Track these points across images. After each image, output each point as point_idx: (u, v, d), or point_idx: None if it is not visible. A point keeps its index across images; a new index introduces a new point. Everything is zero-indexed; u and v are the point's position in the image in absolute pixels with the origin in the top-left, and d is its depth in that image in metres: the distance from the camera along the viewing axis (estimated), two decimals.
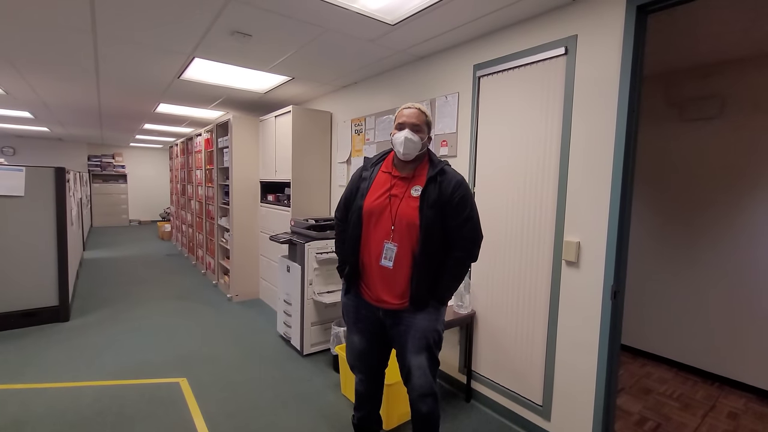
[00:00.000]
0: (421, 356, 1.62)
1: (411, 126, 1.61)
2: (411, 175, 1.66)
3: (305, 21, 2.26)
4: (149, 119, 6.00)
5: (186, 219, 6.78)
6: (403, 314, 1.64)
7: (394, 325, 1.66)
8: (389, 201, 1.63)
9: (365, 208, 1.65)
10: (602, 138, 1.84)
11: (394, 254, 1.59)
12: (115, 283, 5.04)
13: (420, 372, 1.62)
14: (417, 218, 1.57)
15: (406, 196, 1.62)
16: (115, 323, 3.67)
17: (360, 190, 1.71)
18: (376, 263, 1.63)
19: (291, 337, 3.21)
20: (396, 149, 1.64)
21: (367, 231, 1.65)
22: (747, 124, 2.73)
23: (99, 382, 2.63)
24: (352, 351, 1.81)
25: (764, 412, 2.49)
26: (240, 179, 4.36)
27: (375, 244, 1.64)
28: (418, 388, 1.64)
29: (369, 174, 1.73)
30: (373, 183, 1.70)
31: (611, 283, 1.82)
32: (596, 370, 1.88)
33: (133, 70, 3.33)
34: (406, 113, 1.64)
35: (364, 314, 1.72)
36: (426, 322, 1.62)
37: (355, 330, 1.76)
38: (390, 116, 3.11)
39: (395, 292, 1.63)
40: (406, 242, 1.59)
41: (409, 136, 1.59)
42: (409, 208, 1.59)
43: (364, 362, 1.79)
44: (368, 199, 1.66)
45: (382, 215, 1.63)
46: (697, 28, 2.30)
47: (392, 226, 1.60)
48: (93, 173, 10.32)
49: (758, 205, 2.70)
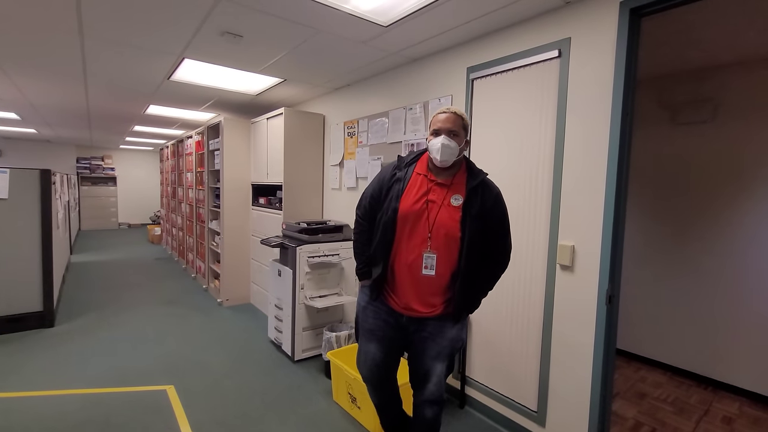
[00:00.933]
0: (442, 364, 1.60)
1: (447, 132, 1.53)
2: (449, 181, 1.58)
3: (297, 22, 2.22)
4: (139, 121, 5.92)
5: (176, 222, 6.69)
6: (429, 321, 1.59)
7: (418, 330, 1.61)
8: (427, 206, 1.55)
9: (401, 211, 1.56)
10: (596, 141, 1.83)
11: (435, 263, 1.53)
12: (103, 288, 4.94)
13: (437, 379, 1.60)
14: (458, 230, 1.52)
15: (446, 205, 1.55)
16: (101, 329, 3.59)
17: (393, 191, 1.60)
18: (407, 271, 1.56)
19: (282, 342, 3.16)
20: (433, 156, 1.55)
21: (401, 236, 1.57)
22: (740, 128, 2.75)
23: (84, 390, 2.55)
24: (366, 361, 1.71)
25: (758, 417, 2.49)
26: (231, 182, 4.30)
27: (408, 251, 1.56)
28: (431, 395, 1.61)
29: (403, 174, 1.62)
30: (408, 184, 1.60)
31: (606, 287, 1.80)
32: (591, 375, 1.86)
33: (122, 71, 3.27)
34: (442, 118, 1.55)
35: (385, 320, 1.65)
36: (455, 331, 1.60)
37: (374, 338, 1.68)
38: (384, 119, 3.08)
39: (427, 301, 1.58)
40: (443, 251, 1.53)
41: (446, 142, 1.51)
42: (449, 218, 1.53)
43: (379, 373, 1.71)
44: (404, 202, 1.56)
45: (418, 221, 1.55)
46: (690, 32, 2.30)
47: (429, 234, 1.53)
48: (82, 176, 10.16)
49: (750, 210, 2.71)
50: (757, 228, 2.68)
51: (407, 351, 1.70)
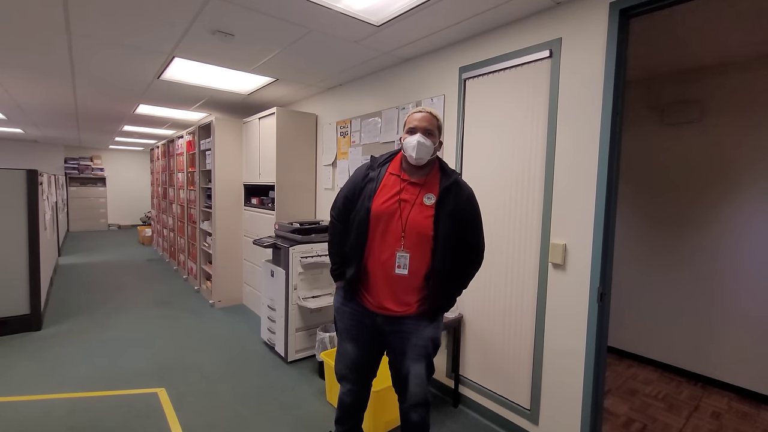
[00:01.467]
0: (421, 365, 1.59)
1: (423, 130, 1.55)
2: (422, 180, 1.59)
3: (289, 21, 2.21)
4: (129, 121, 5.84)
5: (167, 223, 6.62)
6: (404, 320, 1.59)
7: (394, 331, 1.60)
8: (399, 206, 1.55)
9: (374, 210, 1.56)
10: (587, 141, 1.85)
11: (407, 262, 1.53)
12: (93, 290, 4.86)
13: (418, 381, 1.58)
14: (430, 228, 1.52)
15: (418, 203, 1.55)
16: (90, 332, 3.53)
17: (366, 191, 1.60)
18: (381, 270, 1.56)
19: (275, 343, 3.14)
20: (408, 154, 1.56)
21: (373, 235, 1.57)
22: (726, 129, 2.79)
23: (72, 394, 2.51)
24: (343, 360, 1.71)
25: (746, 411, 2.53)
26: (223, 182, 4.26)
27: (381, 251, 1.56)
28: (414, 397, 1.60)
29: (376, 174, 1.63)
30: (381, 184, 1.60)
31: (597, 285, 1.82)
32: (584, 373, 1.88)
33: (111, 70, 3.22)
34: (418, 117, 1.57)
35: (360, 320, 1.65)
36: (430, 330, 1.59)
37: (349, 337, 1.68)
38: (376, 119, 3.08)
39: (401, 300, 1.57)
40: (416, 251, 1.54)
41: (422, 140, 1.53)
42: (421, 217, 1.54)
43: (355, 372, 1.70)
44: (376, 201, 1.57)
45: (390, 220, 1.55)
46: (677, 33, 2.34)
47: (402, 233, 1.53)
48: (70, 176, 10.00)
49: (738, 208, 2.76)
50: (744, 226, 2.73)
51: (387, 354, 1.69)
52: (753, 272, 2.70)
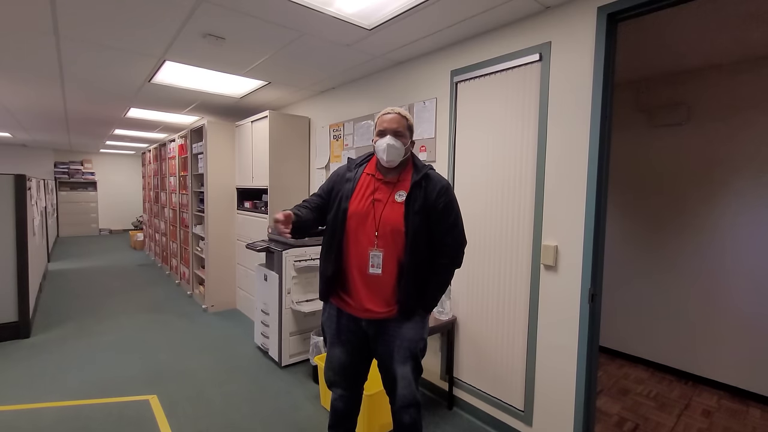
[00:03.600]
0: (407, 366, 1.58)
1: (393, 132, 1.55)
2: (395, 179, 1.61)
3: (280, 24, 2.21)
4: (120, 124, 5.79)
5: (159, 227, 6.56)
6: (388, 323, 1.58)
7: (379, 334, 1.60)
8: (373, 206, 1.57)
9: (350, 211, 1.57)
10: (577, 143, 1.87)
11: (381, 261, 1.54)
12: (83, 296, 4.80)
13: (405, 382, 1.58)
14: (402, 224, 1.53)
15: (390, 201, 1.57)
16: (80, 339, 3.48)
17: (343, 192, 1.63)
18: (358, 271, 1.57)
19: (269, 348, 3.12)
20: (379, 157, 1.58)
21: (350, 236, 1.58)
22: (713, 130, 2.84)
23: (61, 402, 2.47)
24: (332, 365, 1.70)
25: (736, 409, 2.56)
26: (215, 186, 4.24)
27: (358, 251, 1.57)
28: (403, 399, 1.59)
29: (353, 175, 1.66)
30: (357, 185, 1.63)
31: (588, 286, 1.83)
32: (576, 373, 1.89)
33: (101, 73, 3.19)
34: (387, 119, 1.59)
35: (345, 324, 1.65)
36: (413, 331, 1.58)
37: (338, 342, 1.67)
38: (369, 122, 3.08)
39: (381, 300, 1.57)
40: (390, 249, 1.54)
41: (392, 142, 1.54)
42: (393, 214, 1.54)
43: (345, 376, 1.69)
44: (353, 202, 1.59)
45: (365, 220, 1.56)
46: (664, 36, 2.37)
47: (376, 232, 1.54)
48: (60, 181, 9.88)
49: (725, 209, 2.80)
50: (732, 226, 2.77)
51: (375, 357, 1.69)
52: (740, 271, 2.74)
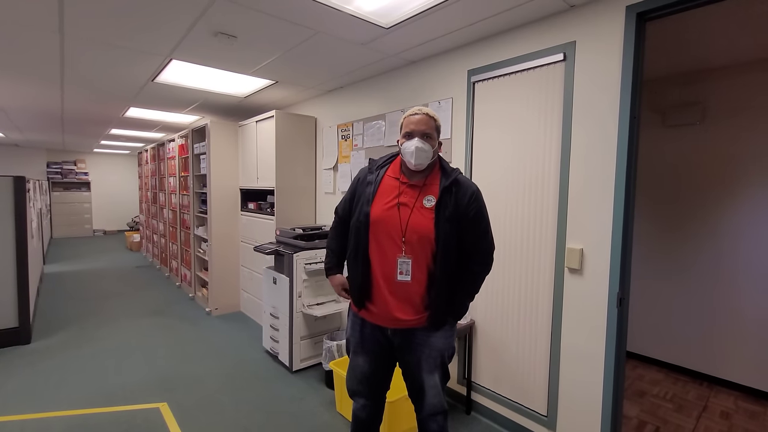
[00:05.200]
0: (436, 375, 1.53)
1: (421, 134, 1.49)
2: (422, 183, 1.54)
3: (296, 22, 2.15)
4: (117, 124, 5.68)
5: (158, 228, 6.45)
6: (416, 332, 1.53)
7: (406, 343, 1.55)
8: (398, 210, 1.50)
9: (373, 216, 1.51)
10: (603, 144, 1.83)
11: (410, 268, 1.48)
12: (82, 299, 4.69)
13: (434, 391, 1.53)
14: (432, 232, 1.46)
15: (418, 206, 1.50)
16: (82, 344, 3.39)
17: (365, 195, 1.56)
18: (384, 278, 1.51)
19: (278, 352, 3.06)
20: (406, 160, 1.51)
21: (374, 242, 1.52)
22: (726, 130, 2.83)
23: (67, 411, 2.39)
24: (355, 374, 1.64)
25: (755, 411, 2.55)
26: (218, 187, 4.16)
27: (383, 257, 1.50)
28: (431, 408, 1.55)
29: (374, 178, 1.59)
30: (379, 188, 1.56)
31: (617, 290, 1.80)
32: (603, 378, 1.86)
33: (103, 72, 3.10)
34: (415, 120, 1.51)
35: (370, 333, 1.59)
36: (442, 340, 1.53)
37: (362, 351, 1.61)
38: (380, 122, 3.03)
39: (409, 308, 1.51)
40: (419, 255, 1.48)
41: (420, 145, 1.47)
42: (422, 220, 1.48)
43: (369, 386, 1.64)
44: (375, 206, 1.52)
45: (390, 225, 1.49)
46: (683, 36, 2.35)
47: (403, 238, 1.48)
48: (53, 181, 9.69)
49: (739, 208, 2.79)
50: (746, 228, 2.76)
51: (399, 365, 1.63)
52: (755, 272, 2.73)
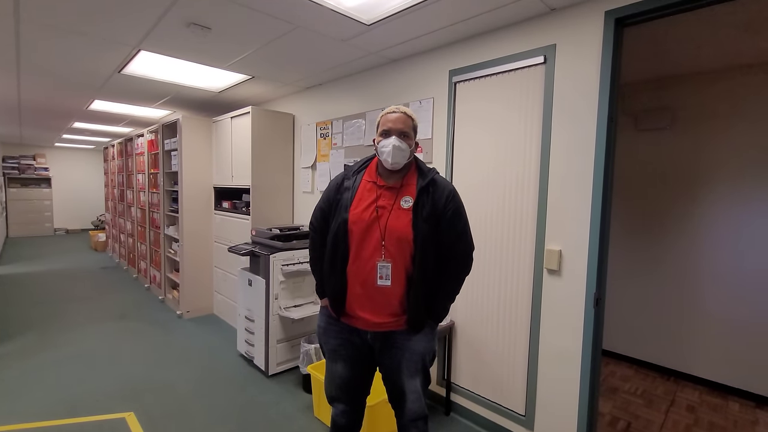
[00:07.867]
0: (416, 379, 1.51)
1: (398, 132, 1.47)
2: (398, 184, 1.52)
3: (274, 15, 2.08)
4: (80, 117, 5.37)
5: (125, 228, 6.16)
6: (396, 335, 1.50)
7: (386, 347, 1.52)
8: (377, 213, 1.47)
9: (351, 222, 1.47)
10: (582, 146, 1.86)
11: (390, 272, 1.45)
12: (42, 303, 4.41)
13: (415, 396, 1.51)
14: (410, 233, 1.44)
15: (396, 208, 1.47)
16: (43, 351, 3.19)
17: (342, 202, 1.52)
18: (362, 284, 1.47)
19: (254, 356, 2.97)
20: (383, 159, 1.48)
21: (353, 248, 1.48)
22: (695, 135, 2.94)
23: (27, 424, 2.23)
24: (333, 381, 1.60)
25: (717, 404, 2.67)
26: (191, 185, 4.00)
27: (363, 262, 1.47)
28: (412, 414, 1.52)
29: (351, 183, 1.55)
30: (357, 193, 1.52)
31: (594, 290, 1.84)
32: (580, 377, 1.89)
33: (65, 61, 2.92)
34: (392, 118, 1.49)
35: (348, 339, 1.55)
36: (422, 343, 1.51)
37: (339, 357, 1.57)
38: (360, 120, 2.98)
39: (387, 312, 1.48)
40: (398, 258, 1.45)
41: (397, 143, 1.45)
42: (400, 222, 1.45)
43: (348, 392, 1.60)
44: (353, 212, 1.48)
45: (369, 230, 1.46)
46: (657, 43, 2.42)
47: (382, 242, 1.45)
48: (9, 176, 9.10)
49: (705, 211, 2.91)
50: (712, 228, 2.89)
51: (379, 370, 1.60)
52: (717, 272, 2.86)
